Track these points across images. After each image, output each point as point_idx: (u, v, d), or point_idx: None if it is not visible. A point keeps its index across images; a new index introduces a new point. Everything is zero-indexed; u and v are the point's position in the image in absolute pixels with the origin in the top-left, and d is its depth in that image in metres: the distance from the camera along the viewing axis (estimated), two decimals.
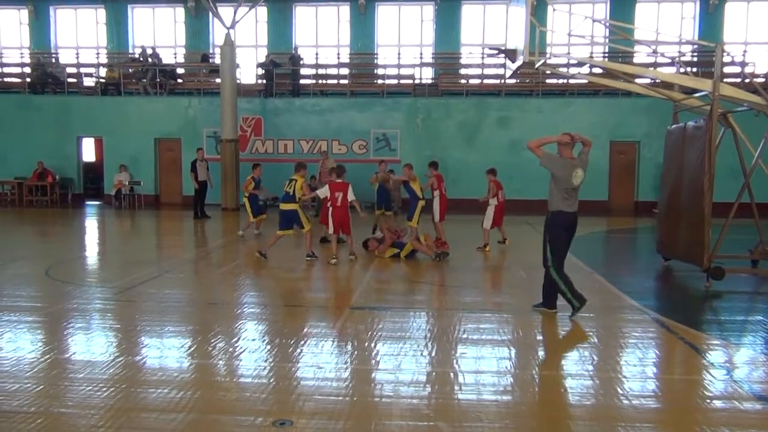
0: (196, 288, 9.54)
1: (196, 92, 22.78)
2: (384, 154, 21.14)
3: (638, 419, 4.63)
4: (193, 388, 5.10)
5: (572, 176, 6.97)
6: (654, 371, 5.89)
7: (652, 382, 5.55)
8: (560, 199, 7.06)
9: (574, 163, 7.06)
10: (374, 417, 4.57)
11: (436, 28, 23.72)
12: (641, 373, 5.76)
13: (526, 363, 5.99)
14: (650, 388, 5.40)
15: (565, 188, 6.97)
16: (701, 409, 4.88)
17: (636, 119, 20.83)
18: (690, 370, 5.98)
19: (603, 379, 5.48)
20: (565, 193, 7.00)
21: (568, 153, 7.11)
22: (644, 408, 4.86)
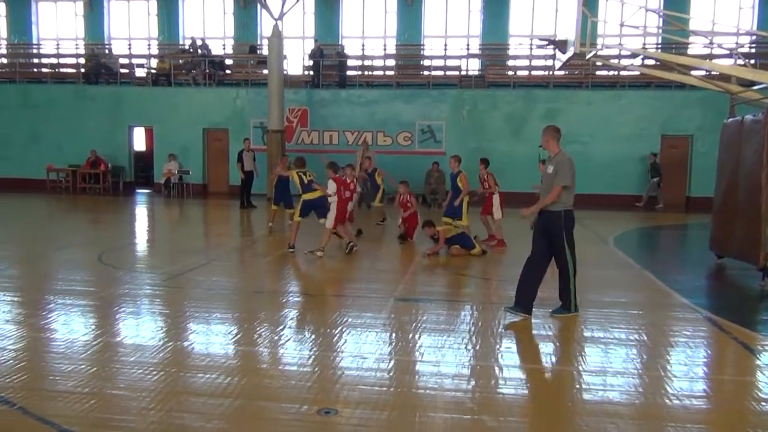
0: (242, 276, 9.70)
1: (243, 83, 23.05)
2: (429, 146, 21.11)
3: (688, 419, 4.51)
4: (240, 375, 5.19)
5: None
6: (705, 371, 5.73)
7: (703, 383, 5.40)
8: (571, 195, 6.77)
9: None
10: (418, 409, 4.57)
11: (484, 18, 23.43)
12: (691, 372, 5.61)
13: (570, 359, 5.90)
14: (700, 388, 5.27)
15: (574, 183, 6.78)
16: (755, 411, 4.72)
17: (689, 112, 20.23)
18: (743, 370, 5.80)
19: (651, 377, 5.37)
20: (574, 189, 6.79)
21: (555, 146, 6.85)
22: (694, 408, 4.74)
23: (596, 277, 9.20)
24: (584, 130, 20.38)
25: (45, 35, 26.17)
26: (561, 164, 6.62)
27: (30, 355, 5.60)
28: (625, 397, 4.91)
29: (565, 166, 6.60)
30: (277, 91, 20.00)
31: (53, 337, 6.14)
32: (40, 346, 5.89)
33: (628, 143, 20.33)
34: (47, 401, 4.55)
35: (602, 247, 12.06)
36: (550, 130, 6.82)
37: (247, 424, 4.32)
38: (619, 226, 15.09)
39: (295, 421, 4.34)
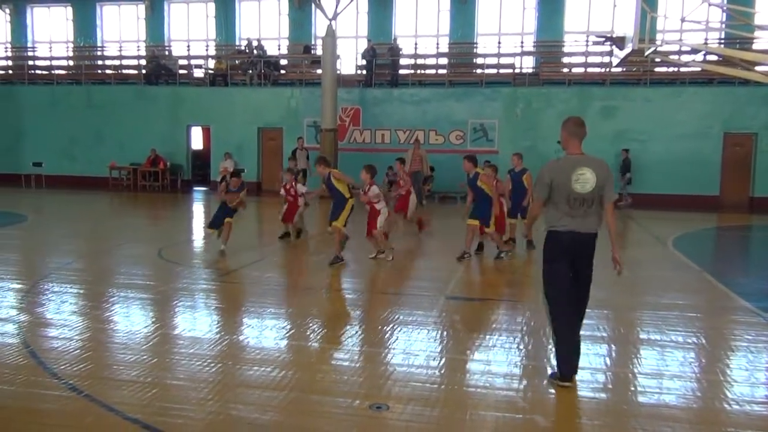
0: (294, 273, 9.86)
1: (297, 83, 23.38)
2: (481, 145, 20.95)
3: (749, 425, 4.39)
4: (293, 369, 5.29)
5: (572, 179, 4.89)
6: (767, 376, 5.55)
7: (765, 389, 5.23)
8: (557, 212, 4.97)
9: (577, 160, 4.95)
10: (469, 407, 4.58)
11: (539, 15, 23.13)
12: (752, 377, 5.44)
13: (626, 361, 5.80)
14: (762, 394, 5.10)
15: (566, 197, 4.90)
16: None
17: (753, 109, 19.49)
18: None
19: (710, 381, 5.23)
20: (566, 204, 4.91)
21: (575, 147, 5.00)
22: (756, 415, 4.60)
23: (653, 278, 8.99)
24: (642, 128, 19.92)
25: (108, 38, 27.13)
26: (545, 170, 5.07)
27: (94, 346, 5.84)
28: (682, 401, 4.80)
29: (537, 176, 5.10)
30: (330, 91, 20.21)
31: (116, 329, 6.39)
32: (104, 337, 6.14)
33: (688, 141, 19.74)
34: (111, 389, 4.74)
35: (661, 249, 11.77)
36: (569, 124, 5.05)
37: (300, 417, 4.41)
38: (679, 227, 14.69)
39: (348, 415, 4.41)
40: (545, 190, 5.00)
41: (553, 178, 4.95)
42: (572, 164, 4.94)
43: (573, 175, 4.89)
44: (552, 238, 5.07)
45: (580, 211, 4.94)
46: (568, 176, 4.90)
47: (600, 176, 4.90)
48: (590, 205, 4.93)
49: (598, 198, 4.93)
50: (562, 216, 4.97)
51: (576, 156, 4.98)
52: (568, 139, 5.02)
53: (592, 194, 4.90)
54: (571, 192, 4.90)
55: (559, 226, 5.00)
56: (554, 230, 5.03)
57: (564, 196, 4.93)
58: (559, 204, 4.97)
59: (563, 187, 4.90)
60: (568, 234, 4.96)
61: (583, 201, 4.92)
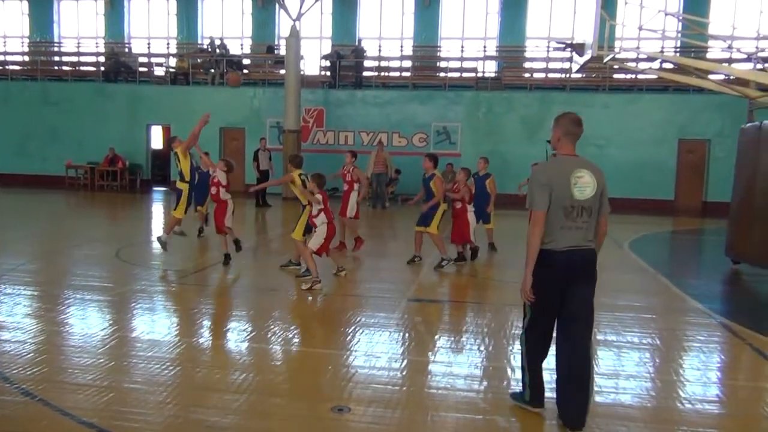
0: (256, 274, 9.78)
1: (261, 83, 23.21)
2: (444, 148, 21.08)
3: (700, 424, 4.51)
4: (254, 371, 5.25)
5: (571, 183, 4.11)
6: (718, 376, 5.72)
7: (716, 388, 5.39)
8: (554, 225, 4.13)
9: (574, 161, 4.20)
10: (430, 408, 4.61)
11: (501, 20, 23.42)
12: (704, 377, 5.60)
13: None
14: (714, 393, 5.26)
15: (563, 206, 4.11)
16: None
17: (707, 117, 20.07)
18: (757, 376, 5.78)
19: (664, 381, 5.36)
20: (562, 214, 4.12)
21: (569, 148, 4.25)
22: (707, 413, 4.74)
23: (610, 280, 9.15)
24: (601, 133, 20.28)
25: (66, 33, 26.50)
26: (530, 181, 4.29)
27: (49, 349, 5.69)
28: (637, 401, 4.92)
29: (531, 180, 4.26)
30: (294, 91, 20.12)
31: (71, 332, 6.25)
32: (59, 340, 5.99)
33: (645, 147, 20.22)
34: (66, 394, 4.63)
35: (618, 252, 12.02)
36: (564, 121, 4.30)
37: (261, 420, 4.38)
38: (636, 231, 15.02)
39: (309, 418, 4.40)
40: (546, 195, 4.09)
41: (551, 182, 4.11)
42: (568, 166, 4.16)
43: (571, 178, 4.11)
44: (543, 261, 4.13)
45: (579, 222, 4.12)
46: (566, 179, 4.10)
47: (599, 181, 4.18)
48: (590, 215, 4.17)
49: (597, 207, 4.20)
50: (556, 230, 4.11)
51: (570, 157, 4.24)
52: (561, 139, 4.27)
53: (591, 202, 4.14)
54: (570, 198, 4.09)
55: (553, 243, 4.12)
56: (546, 249, 4.13)
57: (560, 203, 4.09)
58: (553, 213, 4.10)
59: (561, 193, 4.08)
60: (565, 254, 4.11)
61: (581, 210, 4.12)
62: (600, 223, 4.28)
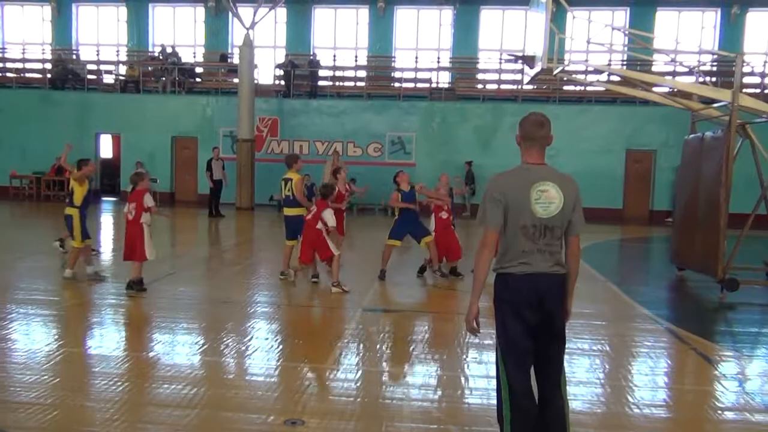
0: (209, 286, 9.61)
1: (214, 91, 22.94)
2: (399, 158, 21.20)
3: (648, 428, 4.62)
4: (206, 385, 5.16)
5: (531, 198, 3.49)
6: (665, 381, 5.87)
7: (663, 392, 5.54)
8: (511, 247, 3.56)
9: (536, 172, 3.54)
10: (385, 419, 4.60)
11: (455, 32, 23.72)
12: (652, 382, 5.75)
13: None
14: (661, 397, 5.40)
15: (522, 225, 3.50)
16: (712, 420, 4.86)
17: (653, 128, 20.69)
18: (701, 380, 5.95)
19: (614, 387, 5.48)
20: (521, 234, 3.51)
21: (533, 155, 3.59)
22: (654, 417, 4.86)
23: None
24: (552, 143, 20.66)
25: (10, 39, 25.71)
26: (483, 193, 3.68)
27: None
28: (587, 407, 5.01)
29: (484, 193, 3.63)
30: (247, 100, 19.97)
31: (14, 348, 6.02)
32: (1, 356, 5.77)
33: (594, 157, 20.69)
34: (8, 413, 4.46)
35: None
36: (525, 124, 3.65)
37: None
38: (585, 239, 15.26)
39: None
40: (499, 212, 3.50)
41: (507, 196, 3.50)
42: (530, 177, 3.52)
43: (532, 191, 3.48)
44: (502, 285, 3.60)
45: (541, 243, 3.51)
46: (525, 193, 3.48)
47: (568, 195, 3.52)
48: (555, 236, 3.54)
49: (565, 225, 3.57)
50: (516, 251, 3.53)
51: (534, 166, 3.57)
52: (521, 144, 3.63)
53: (557, 220, 3.51)
54: (530, 215, 3.48)
55: (512, 266, 3.54)
56: (504, 272, 3.58)
57: (518, 221, 3.49)
58: (511, 233, 3.53)
59: (518, 209, 3.48)
60: (526, 278, 3.52)
61: (545, 229, 3.50)
62: (569, 244, 3.64)
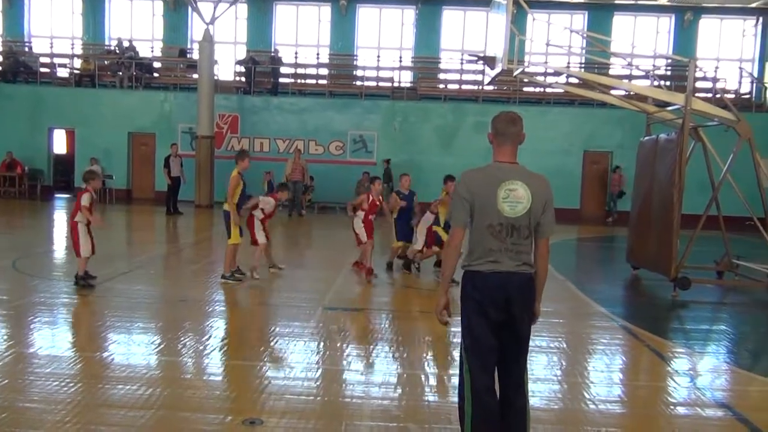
0: (166, 284, 9.44)
1: (172, 87, 22.54)
2: (360, 156, 21.19)
3: (603, 424, 4.70)
4: (162, 385, 5.05)
5: (499, 196, 3.51)
6: (620, 377, 5.99)
7: (618, 388, 5.65)
8: (479, 245, 3.57)
9: (506, 170, 3.56)
10: (344, 417, 4.58)
11: (417, 32, 23.80)
12: (608, 378, 5.86)
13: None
14: (616, 393, 5.51)
15: (488, 224, 3.52)
16: (665, 415, 4.97)
17: (610, 130, 21.11)
18: (655, 376, 6.09)
19: (570, 383, 5.56)
20: (487, 232, 3.53)
21: (504, 153, 3.60)
22: (609, 413, 4.94)
23: None
24: (524, 141, 20.88)
25: None
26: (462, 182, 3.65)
27: None
28: (544, 403, 5.07)
29: (455, 188, 3.70)
30: (207, 97, 19.68)
31: None
32: None
33: (553, 158, 20.96)
34: None
35: None
36: (496, 121, 3.65)
37: None
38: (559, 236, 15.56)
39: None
40: (464, 210, 3.56)
41: (474, 194, 3.53)
42: (499, 175, 3.53)
43: (500, 190, 3.49)
44: (469, 282, 3.62)
45: (508, 242, 3.52)
46: (492, 191, 3.50)
47: (537, 195, 3.52)
48: (522, 235, 3.53)
49: (533, 226, 3.56)
50: (483, 249, 3.54)
51: (505, 165, 3.58)
52: (493, 141, 3.64)
53: (524, 219, 3.51)
54: (497, 214, 3.49)
55: (479, 264, 3.56)
56: (472, 270, 3.60)
57: (485, 219, 3.51)
58: (478, 231, 3.56)
59: (486, 207, 3.50)
60: (493, 276, 3.53)
61: (511, 229, 3.51)
62: (538, 245, 3.61)
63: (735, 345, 7.33)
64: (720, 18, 23.70)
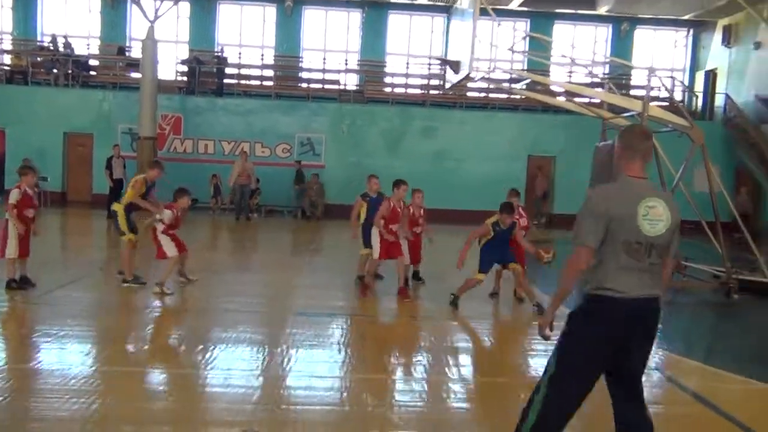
0: (107, 291, 8.89)
1: (111, 86, 21.71)
2: (308, 159, 20.95)
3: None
4: (101, 397, 4.79)
5: (639, 214, 3.28)
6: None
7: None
8: (611, 265, 3.30)
9: (644, 187, 3.39)
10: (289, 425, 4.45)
11: (363, 35, 23.77)
12: None
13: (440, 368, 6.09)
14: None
15: (625, 241, 3.27)
16: None
17: (553, 135, 21.52)
18: None
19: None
20: (624, 253, 3.28)
21: (635, 168, 3.41)
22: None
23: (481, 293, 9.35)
24: (458, 148, 21.17)
25: None
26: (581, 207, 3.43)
27: None
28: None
29: (584, 206, 3.39)
30: (149, 97, 19.01)
31: None
32: None
33: (498, 162, 21.32)
34: None
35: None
36: (629, 136, 3.49)
37: None
38: None
39: None
40: (598, 229, 3.26)
41: (612, 210, 3.26)
42: (638, 191, 3.33)
43: (640, 207, 3.27)
44: (597, 309, 3.31)
45: (645, 263, 3.28)
46: (632, 208, 3.27)
47: (674, 215, 3.33)
48: (659, 255, 3.31)
49: (667, 247, 3.34)
50: (617, 272, 3.26)
51: (640, 181, 3.38)
52: (622, 156, 3.43)
53: (664, 239, 3.30)
54: (636, 232, 3.26)
55: (612, 289, 3.25)
56: (602, 296, 3.27)
57: (623, 239, 3.25)
58: (612, 252, 3.27)
59: (624, 224, 3.25)
60: (627, 304, 3.25)
61: (650, 248, 3.27)
62: (666, 264, 3.41)
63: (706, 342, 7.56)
64: (654, 29, 24.71)
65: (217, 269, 10.49)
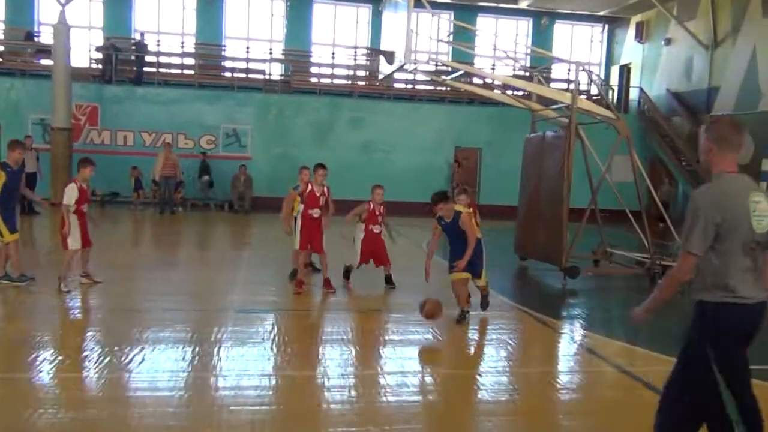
0: (19, 291, 8.34)
1: (19, 73, 20.41)
2: (234, 150, 20.45)
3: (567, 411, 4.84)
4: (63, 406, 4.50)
5: (750, 211, 3.10)
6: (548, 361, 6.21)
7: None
8: (732, 268, 3.10)
9: (746, 183, 3.22)
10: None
11: (288, 24, 23.37)
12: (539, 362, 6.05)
13: (373, 362, 6.05)
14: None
15: (743, 242, 3.10)
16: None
17: (479, 127, 21.89)
18: (587, 363, 6.38)
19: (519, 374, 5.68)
20: (742, 254, 3.10)
21: (731, 163, 3.21)
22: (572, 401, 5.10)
23: (417, 284, 9.39)
24: (386, 139, 21.22)
25: None
26: (687, 210, 3.20)
27: None
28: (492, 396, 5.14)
29: (694, 210, 3.13)
30: (63, 85, 17.97)
31: None
32: None
33: (425, 153, 21.50)
34: None
35: (419, 252, 12.53)
36: (720, 128, 3.28)
37: None
38: (427, 233, 15.84)
39: None
40: (709, 234, 3.07)
41: (726, 212, 3.05)
42: (744, 186, 3.16)
43: (749, 203, 3.09)
44: (726, 318, 3.09)
45: (759, 262, 3.14)
46: (744, 206, 3.07)
47: None
48: (762, 253, 3.17)
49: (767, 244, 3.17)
50: (738, 275, 3.06)
51: (740, 176, 3.19)
52: (714, 150, 3.21)
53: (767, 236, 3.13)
54: (750, 231, 3.07)
55: (738, 295, 3.06)
56: (729, 303, 3.07)
57: (739, 238, 3.06)
58: (730, 254, 3.06)
59: (737, 225, 3.05)
60: (755, 309, 3.09)
61: (758, 246, 3.13)
62: (766, 263, 3.21)
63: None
64: (572, 24, 25.52)
65: (143, 266, 10.06)
